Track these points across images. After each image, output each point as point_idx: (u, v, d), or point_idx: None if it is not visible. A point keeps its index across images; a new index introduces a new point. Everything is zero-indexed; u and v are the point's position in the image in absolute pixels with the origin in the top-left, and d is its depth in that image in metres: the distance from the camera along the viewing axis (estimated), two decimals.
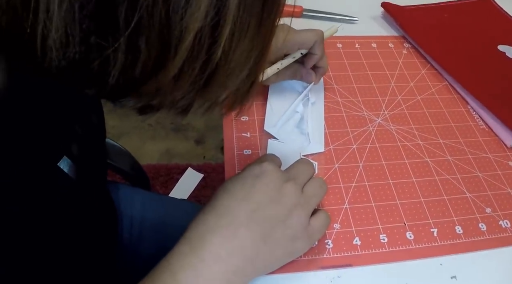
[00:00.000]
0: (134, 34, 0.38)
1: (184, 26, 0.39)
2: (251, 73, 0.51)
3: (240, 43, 0.45)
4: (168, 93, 0.47)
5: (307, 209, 0.67)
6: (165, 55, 0.41)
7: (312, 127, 0.89)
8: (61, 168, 0.59)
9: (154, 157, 2.18)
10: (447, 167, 0.85)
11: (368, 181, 0.81)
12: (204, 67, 0.44)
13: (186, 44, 0.40)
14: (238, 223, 0.62)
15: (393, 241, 0.74)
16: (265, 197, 0.65)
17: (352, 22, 1.18)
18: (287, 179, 0.67)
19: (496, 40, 1.14)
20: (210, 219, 0.63)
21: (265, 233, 0.63)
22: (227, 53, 0.44)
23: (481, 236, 0.76)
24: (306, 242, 0.67)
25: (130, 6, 0.37)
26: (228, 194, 0.66)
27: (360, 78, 1.01)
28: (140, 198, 1.09)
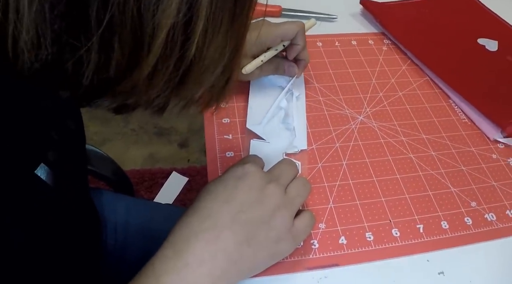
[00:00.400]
0: (106, 33, 0.38)
1: (157, 23, 0.39)
2: (226, 69, 0.51)
3: (213, 39, 0.44)
4: (143, 91, 0.46)
5: (291, 210, 0.66)
6: (138, 53, 0.41)
7: (297, 123, 0.88)
8: (39, 175, 0.58)
9: (138, 162, 2.17)
10: (431, 162, 0.85)
11: (352, 179, 0.81)
12: (178, 64, 0.44)
13: (159, 41, 0.40)
14: (221, 226, 0.61)
15: (379, 239, 0.73)
16: (248, 198, 0.64)
17: (331, 20, 1.17)
18: (270, 180, 0.66)
19: (475, 34, 1.14)
20: (193, 222, 0.62)
21: (249, 235, 0.62)
22: (201, 50, 0.44)
23: (467, 230, 0.76)
24: (291, 244, 0.66)
25: (102, 4, 0.36)
26: (211, 196, 0.65)
27: (341, 76, 1.01)
28: (124, 204, 1.08)
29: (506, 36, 1.16)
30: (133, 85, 0.44)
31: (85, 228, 0.83)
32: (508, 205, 0.80)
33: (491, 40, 1.13)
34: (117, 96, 0.47)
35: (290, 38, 0.87)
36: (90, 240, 0.86)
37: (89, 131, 2.20)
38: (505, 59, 1.09)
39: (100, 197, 1.06)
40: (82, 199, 0.83)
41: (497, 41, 1.13)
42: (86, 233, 0.84)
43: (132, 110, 0.51)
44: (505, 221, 0.78)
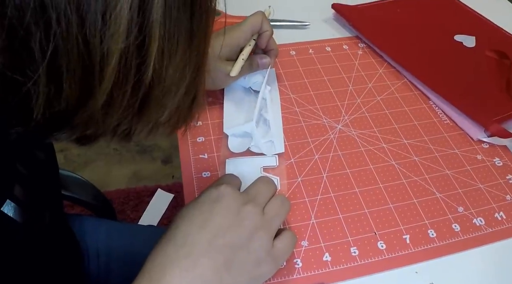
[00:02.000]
0: (52, 64, 0.36)
1: (106, 49, 0.37)
2: (189, 89, 0.48)
3: (171, 60, 0.42)
4: (101, 121, 0.43)
5: (270, 230, 0.63)
6: (90, 82, 0.38)
7: (273, 120, 0.87)
8: (5, 212, 0.56)
9: (123, 181, 2.14)
10: (414, 168, 0.82)
11: (333, 192, 0.78)
12: (136, 89, 0.42)
13: (111, 68, 0.38)
14: (197, 253, 0.59)
15: (365, 253, 0.70)
16: (224, 222, 0.61)
17: (304, 27, 1.15)
18: (246, 201, 0.64)
19: (451, 31, 1.12)
20: (169, 250, 0.59)
21: (227, 260, 0.59)
22: (159, 72, 0.42)
23: (455, 238, 0.73)
24: (272, 265, 0.63)
25: (44, 35, 0.34)
26: (186, 221, 0.62)
27: (317, 84, 0.98)
28: (105, 229, 1.06)
29: (483, 30, 1.14)
30: (89, 115, 0.42)
31: (64, 259, 0.82)
32: (497, 207, 0.78)
33: (468, 36, 1.11)
34: (74, 128, 0.45)
35: (259, 29, 0.88)
36: (70, 271, 0.85)
37: (71, 154, 2.17)
38: (484, 54, 1.06)
39: (81, 223, 1.04)
40: (57, 230, 0.81)
41: (475, 37, 1.11)
42: (66, 264, 0.82)
43: (95, 140, 0.49)
44: (494, 225, 0.75)
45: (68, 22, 0.34)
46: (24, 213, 0.59)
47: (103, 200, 1.16)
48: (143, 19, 0.37)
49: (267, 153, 0.82)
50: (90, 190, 1.13)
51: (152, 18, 0.38)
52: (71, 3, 0.34)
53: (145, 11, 0.37)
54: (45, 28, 0.34)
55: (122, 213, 2.00)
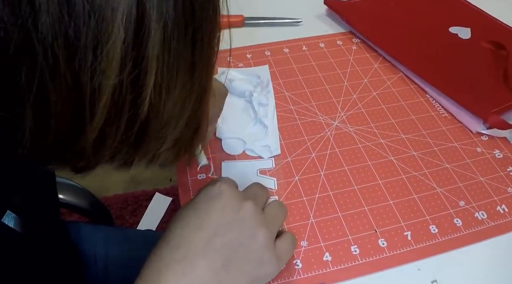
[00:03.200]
0: (39, 99, 0.34)
1: (97, 85, 0.35)
2: (191, 121, 0.47)
3: (170, 94, 0.40)
4: (93, 155, 0.42)
5: (272, 229, 0.62)
6: (80, 118, 0.37)
7: (269, 122, 0.86)
8: (6, 223, 0.55)
9: (120, 186, 2.13)
10: (413, 163, 0.81)
11: (332, 190, 0.76)
12: (130, 124, 0.40)
13: (103, 104, 0.36)
14: (194, 254, 0.57)
15: (366, 251, 0.69)
16: (223, 220, 0.59)
17: (296, 24, 1.13)
18: (246, 198, 0.62)
19: (446, 23, 1.11)
20: (165, 254, 0.57)
21: (226, 261, 0.57)
22: (157, 107, 0.40)
23: (457, 233, 0.72)
24: (275, 265, 0.61)
25: (30, 70, 0.32)
26: (182, 222, 0.60)
27: (312, 81, 0.97)
28: (103, 235, 1.05)
29: (478, 22, 1.13)
30: (81, 150, 0.40)
31: (64, 268, 0.81)
32: (498, 200, 0.76)
33: (463, 27, 1.10)
34: (65, 161, 0.44)
35: None
36: (70, 279, 0.83)
37: None
38: (480, 45, 1.05)
39: (78, 231, 1.03)
40: (57, 239, 0.80)
41: (470, 28, 1.09)
42: (66, 272, 0.81)
43: (89, 170, 0.47)
44: (496, 218, 0.74)
45: (56, 57, 0.33)
46: (24, 223, 0.58)
47: (100, 206, 1.16)
48: (138, 53, 0.36)
49: (263, 156, 0.81)
50: (87, 197, 1.12)
51: (149, 52, 0.36)
52: (59, 37, 0.32)
53: (141, 45, 0.36)
54: (31, 63, 0.32)
55: (121, 218, 1.99)
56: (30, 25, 0.31)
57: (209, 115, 0.75)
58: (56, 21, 0.32)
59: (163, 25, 0.36)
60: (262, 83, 0.92)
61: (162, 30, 0.36)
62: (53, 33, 0.32)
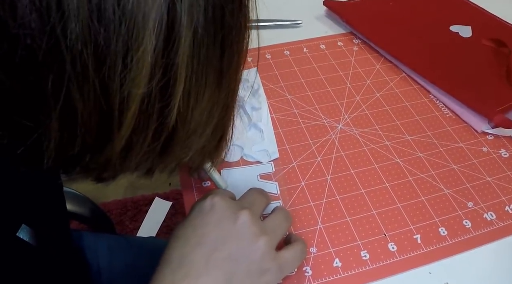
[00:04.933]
0: (66, 109, 0.33)
1: (126, 94, 0.34)
2: (216, 129, 0.47)
3: (198, 102, 0.40)
4: (119, 164, 0.42)
5: (271, 238, 0.61)
6: (108, 128, 0.36)
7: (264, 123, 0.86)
8: (21, 237, 0.54)
9: (120, 192, 2.12)
10: (420, 164, 0.80)
11: (339, 195, 0.76)
12: (158, 133, 0.40)
13: (131, 112, 0.36)
14: (196, 273, 0.55)
15: (376, 256, 0.68)
16: (220, 234, 0.58)
17: (296, 26, 1.13)
18: (241, 208, 0.61)
19: (447, 22, 1.10)
20: (166, 275, 0.56)
21: (229, 275, 0.56)
22: (184, 115, 0.40)
23: (467, 234, 0.71)
24: (276, 274, 0.60)
25: (57, 78, 0.32)
26: (181, 241, 0.59)
27: (314, 84, 0.96)
28: (106, 244, 1.04)
29: (479, 20, 1.12)
30: (106, 160, 0.40)
31: (73, 279, 0.80)
32: (507, 200, 0.76)
33: (464, 26, 1.09)
34: (90, 171, 0.43)
35: None
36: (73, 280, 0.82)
37: None
38: (481, 43, 1.05)
39: (81, 240, 1.02)
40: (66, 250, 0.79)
41: (470, 27, 1.09)
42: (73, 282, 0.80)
43: (113, 179, 0.47)
44: (505, 218, 0.73)
45: (85, 65, 0.32)
46: (38, 236, 0.57)
47: (100, 213, 1.15)
48: (168, 60, 0.35)
49: (262, 161, 0.80)
50: (87, 204, 1.11)
51: (178, 59, 0.36)
52: (88, 44, 0.32)
53: (171, 52, 0.35)
54: (58, 71, 0.32)
55: (121, 223, 1.98)
56: (59, 32, 0.31)
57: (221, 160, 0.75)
58: (86, 28, 0.31)
59: (193, 31, 0.36)
60: (253, 88, 0.91)
61: (192, 36, 0.36)
62: (82, 40, 0.31)
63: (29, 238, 0.55)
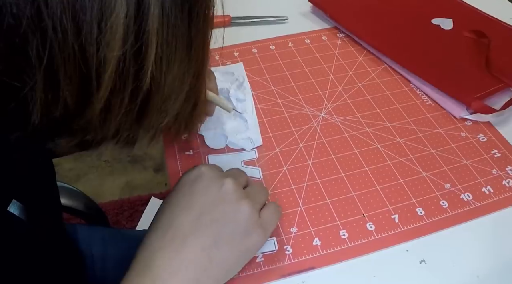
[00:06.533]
0: (49, 71, 0.37)
1: (102, 57, 0.38)
2: (190, 95, 0.50)
3: (170, 68, 0.43)
4: (99, 126, 0.44)
5: (254, 201, 0.64)
6: (87, 89, 0.40)
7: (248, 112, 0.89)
8: (12, 212, 0.57)
9: (116, 192, 2.13)
10: (399, 149, 0.83)
11: (320, 178, 0.78)
12: (134, 96, 0.43)
13: (108, 75, 0.39)
14: (184, 233, 0.59)
15: (354, 235, 0.71)
16: (207, 198, 0.62)
17: (282, 22, 1.15)
18: (226, 176, 0.65)
19: (428, 15, 1.13)
20: (154, 239, 0.59)
21: (216, 236, 0.59)
22: (158, 80, 0.43)
23: (444, 214, 0.73)
24: (261, 234, 0.63)
25: (40, 42, 0.35)
26: (170, 206, 0.63)
27: (298, 76, 0.98)
28: (100, 236, 1.06)
29: (460, 12, 1.14)
30: (88, 121, 0.43)
31: (64, 260, 0.82)
32: (483, 182, 0.78)
33: (445, 19, 1.11)
34: (73, 134, 0.46)
35: None
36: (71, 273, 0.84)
37: (62, 169, 2.17)
38: (462, 35, 1.07)
39: (75, 232, 1.04)
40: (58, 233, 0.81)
41: (452, 19, 1.11)
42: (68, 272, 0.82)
43: (97, 146, 0.50)
44: (482, 199, 0.75)
45: (64, 30, 0.35)
46: (29, 212, 0.59)
47: (95, 208, 1.16)
48: (139, 27, 0.38)
49: (246, 148, 0.83)
50: (82, 199, 1.13)
51: (149, 27, 0.39)
52: (67, 12, 0.35)
53: (142, 20, 0.38)
54: (41, 36, 0.35)
55: (117, 224, 1.99)
56: (40, 1, 0.34)
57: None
58: None
59: (161, 1, 0.39)
60: (238, 80, 0.94)
61: (161, 6, 0.39)
62: (61, 7, 0.35)
63: (20, 213, 0.57)
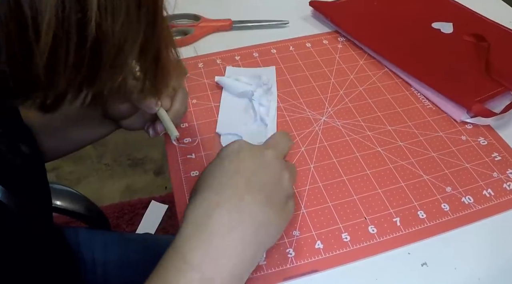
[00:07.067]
0: None
1: (37, 3, 0.36)
2: (146, 49, 0.48)
3: (116, 16, 0.42)
4: (48, 82, 0.43)
5: (291, 171, 0.66)
6: (27, 40, 0.38)
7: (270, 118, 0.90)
8: None
9: (116, 196, 2.14)
10: (400, 153, 0.83)
11: (321, 182, 0.78)
12: (80, 47, 0.41)
13: (46, 22, 0.37)
14: (240, 193, 0.59)
15: (356, 238, 0.71)
16: (254, 165, 0.63)
17: (283, 26, 1.16)
18: (266, 148, 0.66)
19: (429, 19, 1.13)
20: (210, 196, 0.59)
21: (267, 197, 0.61)
22: (105, 28, 0.41)
23: (445, 217, 0.74)
24: (293, 206, 0.66)
25: None
26: (218, 171, 0.62)
27: (299, 79, 0.99)
28: (101, 240, 1.06)
29: (460, 16, 1.15)
30: (36, 76, 0.41)
31: (59, 269, 0.81)
32: (484, 185, 0.78)
33: (445, 22, 1.12)
34: (27, 94, 0.45)
35: None
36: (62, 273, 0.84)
37: (63, 171, 2.18)
38: (462, 39, 1.08)
39: (76, 235, 1.04)
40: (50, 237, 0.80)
41: (452, 23, 1.12)
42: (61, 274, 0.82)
43: (56, 106, 0.48)
44: (483, 202, 0.76)
45: None
46: (14, 198, 0.59)
47: (96, 211, 1.16)
48: None
49: None
50: (83, 202, 1.13)
51: None
52: None
53: None
54: None
55: (118, 227, 2.00)
56: None
57: (175, 110, 0.78)
58: None
59: None
60: (267, 85, 0.94)
61: None
62: None
63: (5, 198, 0.57)
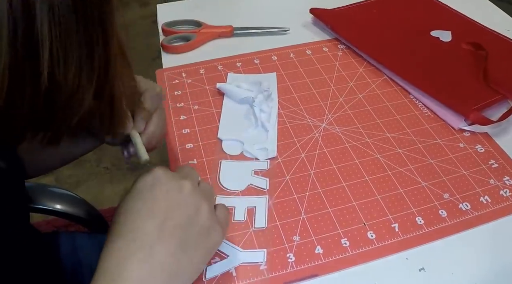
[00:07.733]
0: None
1: None
2: (99, 94, 0.50)
3: (67, 66, 0.44)
4: (6, 124, 0.45)
5: (210, 201, 0.65)
6: None
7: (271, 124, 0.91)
8: None
9: (115, 199, 2.13)
10: (399, 160, 0.84)
11: (321, 188, 0.80)
12: (36, 91, 0.43)
13: (2, 67, 0.39)
14: (150, 242, 0.57)
15: (355, 244, 0.72)
16: (169, 204, 0.61)
17: (284, 33, 1.17)
18: (182, 178, 0.64)
19: (427, 27, 1.15)
20: (121, 247, 0.57)
21: (182, 241, 0.59)
22: (57, 76, 0.43)
23: (443, 223, 0.75)
24: (220, 231, 0.63)
25: None
26: (132, 214, 0.60)
27: (300, 86, 1.00)
28: (98, 243, 1.06)
29: (459, 25, 1.17)
30: None
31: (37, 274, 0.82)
32: (481, 192, 0.79)
33: (444, 31, 1.13)
34: None
35: None
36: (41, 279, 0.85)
37: (62, 175, 2.18)
38: (460, 47, 1.09)
39: (73, 240, 1.04)
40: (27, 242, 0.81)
41: (451, 31, 1.13)
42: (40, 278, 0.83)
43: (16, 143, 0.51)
44: (479, 208, 0.77)
45: None
46: None
47: (96, 215, 1.17)
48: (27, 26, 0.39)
49: (259, 158, 0.85)
50: (83, 206, 1.13)
51: (37, 23, 0.39)
52: None
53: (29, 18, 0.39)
54: None
55: None
56: None
57: (150, 133, 0.77)
58: None
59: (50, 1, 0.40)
60: (267, 92, 0.96)
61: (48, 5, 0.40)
62: None
63: None
